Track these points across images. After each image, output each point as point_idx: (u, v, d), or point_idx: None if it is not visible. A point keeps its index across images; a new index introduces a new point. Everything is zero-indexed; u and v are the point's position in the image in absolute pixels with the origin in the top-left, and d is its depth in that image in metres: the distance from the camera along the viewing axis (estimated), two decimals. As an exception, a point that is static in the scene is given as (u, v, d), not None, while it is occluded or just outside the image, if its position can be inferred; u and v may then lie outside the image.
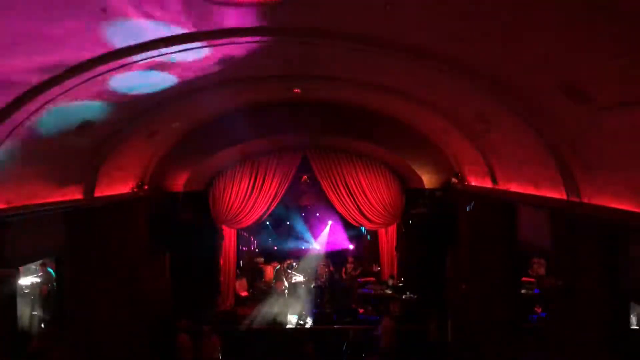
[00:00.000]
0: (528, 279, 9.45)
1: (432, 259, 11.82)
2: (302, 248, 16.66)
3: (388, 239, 13.96)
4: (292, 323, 12.28)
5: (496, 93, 6.03)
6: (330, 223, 16.42)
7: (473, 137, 8.36)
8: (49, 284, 9.42)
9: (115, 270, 9.08)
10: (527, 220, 8.04)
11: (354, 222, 13.57)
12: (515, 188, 7.77)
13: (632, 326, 6.17)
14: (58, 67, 4.94)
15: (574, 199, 5.87)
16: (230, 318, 12.27)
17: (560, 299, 6.41)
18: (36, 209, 6.60)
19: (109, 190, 8.64)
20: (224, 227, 13.23)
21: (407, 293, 12.43)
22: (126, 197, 9.49)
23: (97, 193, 8.22)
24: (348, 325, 11.62)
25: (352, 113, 10.73)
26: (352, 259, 15.71)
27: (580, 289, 5.97)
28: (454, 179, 10.39)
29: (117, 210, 9.17)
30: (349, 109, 10.60)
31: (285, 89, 9.18)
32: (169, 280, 11.86)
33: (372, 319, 11.99)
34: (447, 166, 10.88)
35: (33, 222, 6.82)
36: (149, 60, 5.54)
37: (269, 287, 14.31)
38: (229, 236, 13.56)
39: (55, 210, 7.18)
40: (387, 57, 6.13)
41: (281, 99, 10.11)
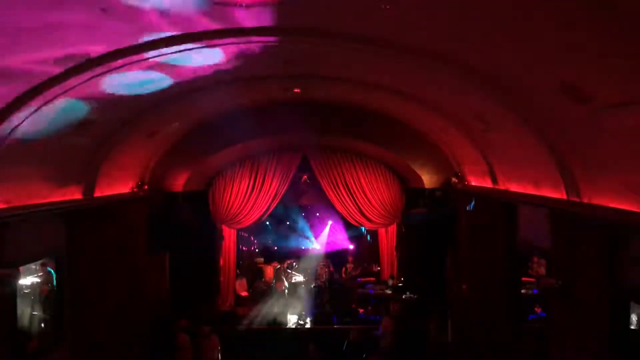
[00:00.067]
0: (528, 279, 9.42)
1: (432, 259, 11.82)
2: (302, 248, 16.65)
3: (388, 239, 13.96)
4: (292, 323, 12.28)
5: (496, 93, 6.03)
6: (330, 223, 16.41)
7: (473, 137, 8.36)
8: (49, 284, 9.41)
9: (115, 270, 9.08)
10: (527, 220, 8.03)
11: (354, 222, 13.57)
12: (515, 188, 7.77)
13: (632, 326, 6.16)
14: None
15: (574, 199, 5.87)
16: (230, 318, 12.27)
17: (560, 299, 6.41)
18: (36, 209, 6.59)
19: (108, 190, 8.64)
20: (223, 227, 13.22)
21: (407, 293, 12.42)
22: (126, 197, 9.49)
23: (97, 193, 8.22)
24: (348, 325, 11.62)
25: (352, 113, 10.72)
26: (352, 259, 15.73)
27: (580, 288, 5.97)
28: (454, 179, 10.38)
29: (117, 210, 9.17)
30: (349, 109, 10.59)
31: (285, 89, 9.17)
32: (168, 280, 11.87)
33: (372, 319, 11.99)
34: (447, 166, 10.88)
35: (33, 222, 6.82)
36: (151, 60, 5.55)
37: (269, 287, 14.30)
38: (229, 236, 13.56)
39: (55, 210, 7.17)
40: (386, 57, 6.13)
41: (281, 99, 10.11)
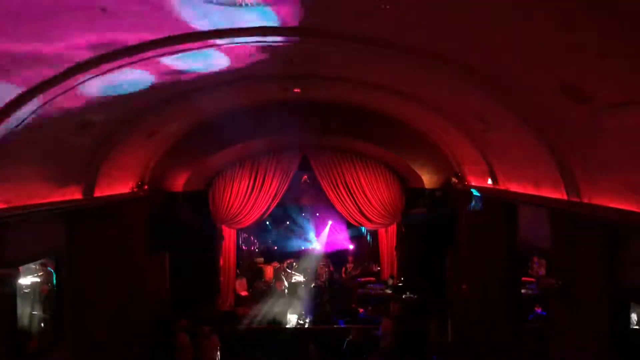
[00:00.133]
0: (528, 279, 9.43)
1: (432, 259, 11.82)
2: (302, 248, 16.64)
3: (388, 239, 13.96)
4: (292, 323, 12.28)
5: (496, 93, 6.03)
6: (330, 223, 16.41)
7: (473, 137, 8.36)
8: (49, 284, 9.41)
9: (115, 270, 9.08)
10: (527, 220, 8.04)
11: (354, 222, 13.58)
12: (515, 188, 7.77)
13: (632, 326, 6.16)
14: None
15: (574, 199, 5.87)
16: (230, 318, 12.28)
17: (560, 299, 6.42)
18: (36, 209, 6.59)
19: (108, 190, 8.64)
20: (223, 227, 13.22)
21: (407, 293, 12.42)
22: (126, 197, 9.48)
23: (97, 193, 8.22)
24: (348, 325, 11.61)
25: (352, 113, 10.72)
26: (352, 259, 15.73)
27: (580, 288, 5.97)
28: (454, 179, 10.37)
29: (117, 210, 9.17)
30: (349, 109, 10.59)
31: (285, 89, 9.17)
32: (168, 280, 11.87)
33: (372, 318, 11.99)
34: (447, 166, 10.87)
35: (33, 222, 6.82)
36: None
37: (268, 287, 14.30)
38: (229, 236, 13.56)
39: (55, 210, 7.17)
40: (386, 57, 6.13)
41: (281, 99, 10.11)
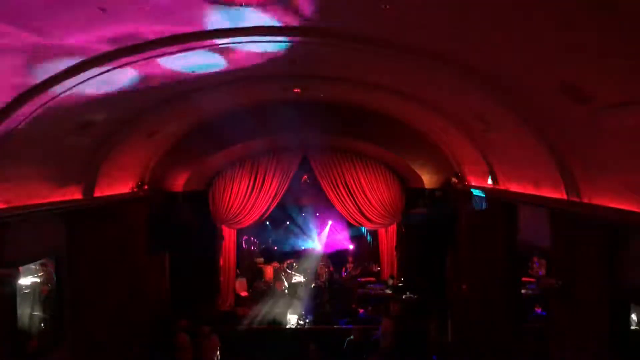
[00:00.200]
0: (528, 279, 9.43)
1: (432, 259, 11.82)
2: (302, 248, 16.64)
3: (388, 239, 13.95)
4: (292, 323, 12.27)
5: (496, 93, 6.03)
6: (330, 223, 16.40)
7: (473, 137, 8.36)
8: (49, 284, 9.41)
9: (115, 270, 9.08)
10: (527, 220, 8.03)
11: (354, 222, 13.57)
12: (515, 188, 7.76)
13: (632, 326, 6.16)
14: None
15: (574, 199, 5.87)
16: (230, 318, 12.27)
17: (560, 299, 6.41)
18: (36, 209, 6.59)
19: (108, 190, 8.64)
20: (223, 227, 13.22)
21: (407, 293, 12.42)
22: (126, 197, 9.48)
23: (97, 193, 8.22)
24: (348, 325, 11.61)
25: (352, 113, 10.72)
26: (352, 259, 15.72)
27: (580, 288, 5.97)
28: (454, 179, 10.38)
29: (117, 210, 9.17)
30: (349, 109, 10.59)
31: (285, 89, 9.17)
32: (168, 280, 11.86)
33: (372, 318, 11.98)
34: (447, 166, 10.87)
35: (33, 222, 6.82)
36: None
37: (268, 287, 14.30)
38: (229, 236, 13.56)
39: (55, 210, 7.17)
40: (386, 57, 6.13)
41: (281, 99, 10.10)
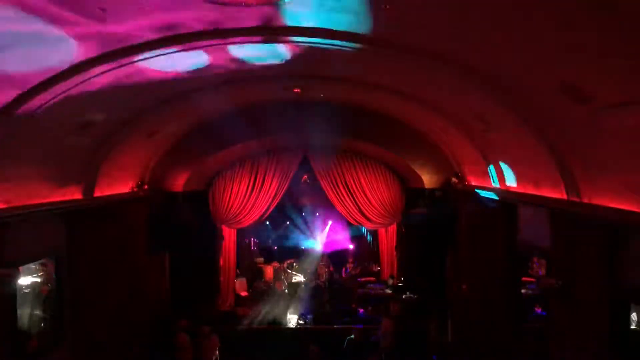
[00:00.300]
0: (528, 279, 9.44)
1: (432, 259, 11.82)
2: (302, 248, 16.64)
3: (388, 239, 13.96)
4: (292, 323, 12.28)
5: (496, 93, 6.03)
6: (330, 223, 16.40)
7: (473, 137, 8.36)
8: (49, 284, 9.41)
9: (115, 270, 9.08)
10: (527, 220, 8.03)
11: (354, 222, 13.58)
12: (515, 188, 7.77)
13: (632, 326, 6.16)
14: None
15: (574, 199, 5.87)
16: (230, 318, 12.28)
17: (560, 299, 6.41)
18: (36, 209, 6.59)
19: (108, 190, 8.64)
20: (223, 227, 13.22)
21: (407, 293, 12.43)
22: (126, 197, 9.48)
23: (97, 193, 8.22)
24: (348, 325, 11.61)
25: (352, 113, 10.71)
26: (352, 258, 15.73)
27: (580, 288, 5.97)
28: (454, 179, 10.38)
29: (117, 210, 9.17)
30: (349, 109, 10.58)
31: (285, 89, 9.17)
32: (168, 280, 11.86)
33: (372, 318, 11.99)
34: (447, 166, 10.87)
35: (33, 222, 6.83)
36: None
37: (268, 287, 14.30)
38: (229, 236, 13.55)
39: (55, 210, 7.18)
40: (386, 57, 6.13)
41: (281, 99, 10.11)
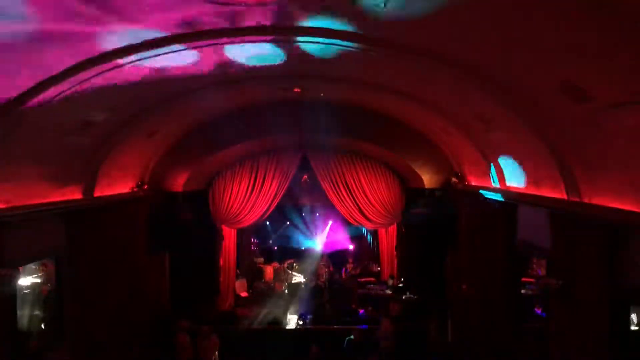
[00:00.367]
0: (528, 279, 9.45)
1: (432, 259, 11.81)
2: (302, 248, 16.64)
3: (388, 239, 13.96)
4: (292, 323, 12.27)
5: (496, 93, 6.03)
6: (330, 223, 16.41)
7: (473, 137, 8.36)
8: (49, 284, 9.42)
9: (115, 270, 9.08)
10: (527, 220, 8.03)
11: (354, 222, 13.56)
12: (515, 188, 7.77)
13: (632, 326, 6.16)
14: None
15: (574, 199, 5.87)
16: (230, 318, 12.27)
17: (560, 299, 6.41)
18: (36, 209, 6.60)
19: (108, 190, 8.64)
20: (223, 227, 13.22)
21: (407, 293, 12.43)
22: (126, 197, 9.49)
23: (97, 193, 8.22)
24: (348, 325, 11.61)
25: (352, 113, 10.72)
26: (352, 259, 15.74)
27: (580, 288, 5.97)
28: (454, 179, 10.38)
29: (117, 210, 9.17)
30: (349, 109, 10.59)
31: (285, 89, 9.17)
32: (168, 280, 11.86)
33: (372, 319, 11.99)
34: (447, 166, 10.88)
35: (33, 222, 6.82)
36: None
37: (269, 287, 14.30)
38: (229, 236, 13.56)
39: (55, 210, 7.17)
40: (386, 57, 6.13)
41: (281, 99, 10.10)
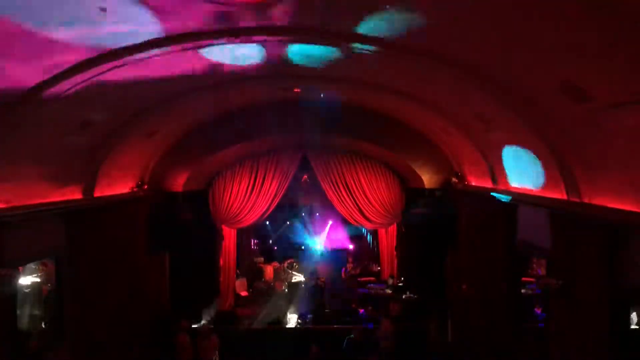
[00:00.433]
0: (528, 279, 9.46)
1: (432, 259, 11.81)
2: (302, 248, 16.65)
3: (388, 238, 13.96)
4: (292, 323, 12.27)
5: (496, 93, 6.03)
6: (330, 223, 16.41)
7: (473, 137, 8.36)
8: (49, 284, 9.42)
9: (115, 270, 9.08)
10: (527, 220, 8.03)
11: (354, 222, 13.56)
12: (515, 188, 7.76)
13: (632, 326, 6.16)
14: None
15: (574, 199, 5.86)
16: (230, 318, 12.28)
17: (560, 299, 6.41)
18: (36, 209, 6.59)
19: (108, 190, 8.64)
20: (223, 227, 13.21)
21: (407, 293, 12.43)
22: (126, 197, 9.48)
23: (97, 193, 8.22)
24: (348, 325, 11.61)
25: (352, 113, 10.72)
26: (352, 258, 15.75)
27: (580, 288, 5.97)
28: (454, 179, 10.39)
29: (117, 210, 9.16)
30: (349, 109, 10.59)
31: (285, 89, 9.17)
32: (168, 280, 11.85)
33: (372, 318, 11.99)
34: (447, 166, 10.88)
35: (33, 222, 6.82)
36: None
37: (269, 287, 14.31)
38: (229, 236, 13.55)
39: (55, 210, 7.17)
40: (386, 57, 6.13)
41: (281, 99, 10.11)
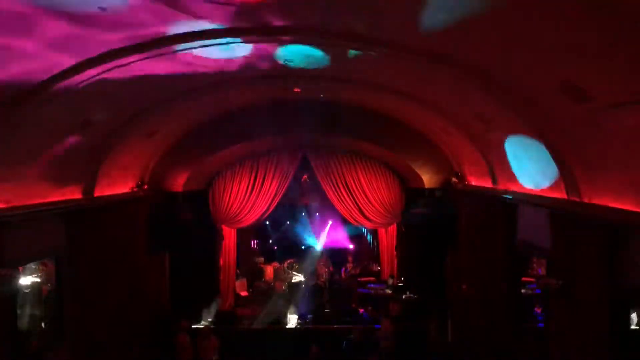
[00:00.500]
0: (528, 279, 9.45)
1: (432, 259, 11.81)
2: (302, 247, 16.64)
3: (388, 238, 13.95)
4: (292, 323, 12.27)
5: (496, 93, 6.03)
6: (330, 223, 16.39)
7: (473, 137, 8.36)
8: (49, 284, 9.42)
9: (115, 270, 9.08)
10: (527, 220, 8.03)
11: (354, 222, 13.56)
12: (515, 188, 7.76)
13: (632, 326, 6.16)
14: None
15: (574, 199, 5.86)
16: (230, 318, 12.27)
17: (559, 299, 6.41)
18: (36, 209, 6.60)
19: (108, 190, 8.64)
20: (223, 227, 13.21)
21: (407, 293, 12.42)
22: (126, 197, 9.49)
23: (97, 193, 8.22)
24: (348, 325, 11.61)
25: (352, 113, 10.72)
26: (352, 258, 15.73)
27: (580, 288, 5.97)
28: (454, 179, 10.38)
29: (117, 210, 9.17)
30: (349, 109, 10.59)
31: (285, 89, 9.17)
32: (168, 281, 11.85)
33: (372, 318, 11.99)
34: (447, 166, 10.88)
35: (33, 222, 6.82)
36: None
37: (269, 287, 14.30)
38: (229, 236, 13.54)
39: (55, 210, 7.18)
40: (385, 57, 6.13)
41: (281, 99, 10.11)
